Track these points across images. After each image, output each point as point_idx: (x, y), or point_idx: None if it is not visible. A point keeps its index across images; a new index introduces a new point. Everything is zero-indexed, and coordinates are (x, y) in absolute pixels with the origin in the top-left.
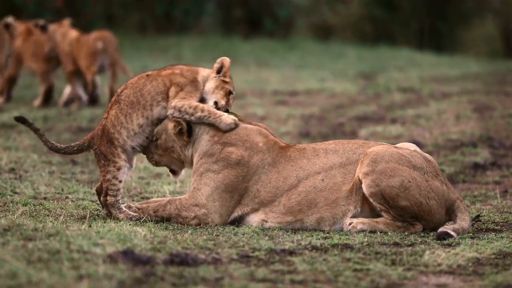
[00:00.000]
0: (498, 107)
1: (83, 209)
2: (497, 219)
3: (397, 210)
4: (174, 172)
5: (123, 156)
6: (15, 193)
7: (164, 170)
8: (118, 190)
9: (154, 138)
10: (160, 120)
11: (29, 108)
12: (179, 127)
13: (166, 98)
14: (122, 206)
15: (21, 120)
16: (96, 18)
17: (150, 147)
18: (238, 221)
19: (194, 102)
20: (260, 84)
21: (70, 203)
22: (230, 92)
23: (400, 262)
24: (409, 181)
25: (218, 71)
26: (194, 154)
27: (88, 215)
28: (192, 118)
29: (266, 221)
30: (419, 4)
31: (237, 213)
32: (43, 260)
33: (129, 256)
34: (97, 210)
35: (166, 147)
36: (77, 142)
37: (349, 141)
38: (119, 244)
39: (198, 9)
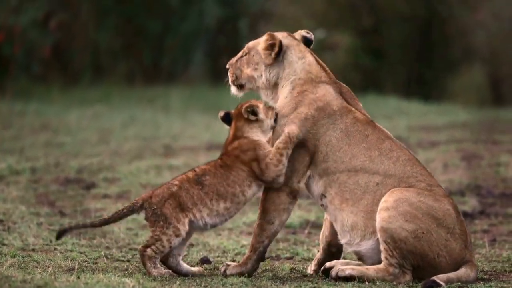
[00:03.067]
0: (486, 155)
1: (71, 260)
2: (486, 268)
3: (401, 253)
4: (242, 87)
5: (187, 227)
6: (4, 244)
7: None
8: (163, 252)
9: (244, 53)
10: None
11: (17, 159)
12: (271, 41)
13: (255, 177)
14: (158, 262)
15: (63, 233)
16: (84, 68)
17: (237, 61)
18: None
19: (274, 158)
20: None
21: (58, 254)
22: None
23: None
24: (423, 233)
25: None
26: (279, 94)
27: (76, 267)
28: (287, 149)
29: (325, 196)
30: (406, 52)
31: (309, 172)
32: None
33: None
34: (85, 261)
35: (251, 62)
36: (128, 205)
37: (420, 164)
38: None
39: (186, 58)
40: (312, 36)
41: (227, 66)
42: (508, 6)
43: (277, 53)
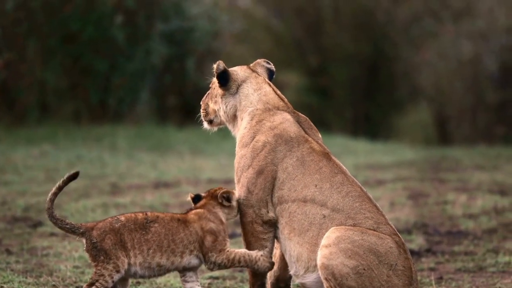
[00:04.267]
0: (432, 193)
1: None
2: None
3: None
4: (212, 122)
5: (125, 265)
6: None
7: None
8: (107, 287)
9: (210, 88)
10: (186, 268)
11: None
12: (217, 72)
13: (200, 247)
14: None
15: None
16: (30, 107)
17: (206, 97)
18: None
19: (230, 255)
20: (194, 172)
21: None
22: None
23: None
24: (364, 269)
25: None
26: (239, 125)
27: None
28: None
29: (277, 227)
30: (353, 91)
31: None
32: None
33: None
34: None
35: (213, 95)
36: (72, 222)
37: (370, 201)
38: None
39: (133, 97)
40: (272, 66)
41: (200, 103)
42: (453, 46)
43: (220, 81)
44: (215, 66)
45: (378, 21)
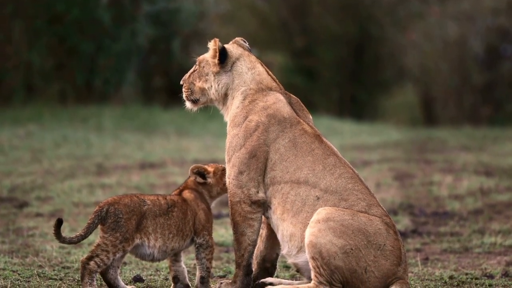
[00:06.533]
0: (418, 174)
1: (4, 279)
2: (419, 287)
3: (329, 269)
4: (197, 102)
5: (132, 247)
6: None
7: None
8: (106, 264)
9: (196, 67)
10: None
11: None
12: (215, 47)
13: (193, 225)
14: (95, 279)
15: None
16: (16, 87)
17: (189, 76)
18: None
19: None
20: (180, 153)
21: None
22: None
23: None
24: (352, 249)
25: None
26: (230, 104)
27: (9, 285)
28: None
29: (270, 208)
30: (339, 72)
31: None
32: None
33: None
34: (18, 280)
35: (201, 74)
36: (93, 215)
37: (362, 183)
38: None
39: (118, 78)
40: (247, 44)
41: (180, 83)
42: (439, 27)
43: (220, 58)
44: (212, 43)
45: (364, 2)
